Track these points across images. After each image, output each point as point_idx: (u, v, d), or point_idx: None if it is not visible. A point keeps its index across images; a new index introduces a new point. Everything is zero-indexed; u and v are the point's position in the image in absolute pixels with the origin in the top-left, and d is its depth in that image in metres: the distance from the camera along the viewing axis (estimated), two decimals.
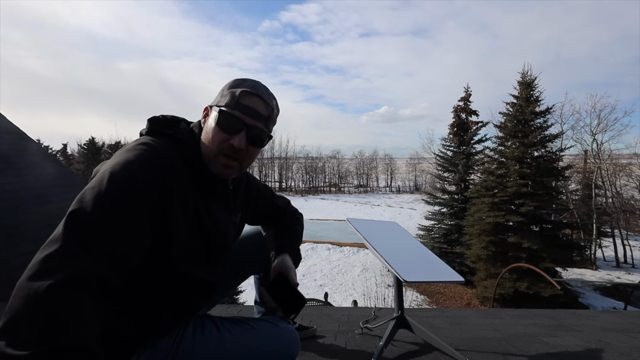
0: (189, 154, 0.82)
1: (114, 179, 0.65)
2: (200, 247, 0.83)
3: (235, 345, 0.88)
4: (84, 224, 0.60)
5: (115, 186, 0.65)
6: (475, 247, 11.90)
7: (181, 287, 0.81)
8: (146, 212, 0.67)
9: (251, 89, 0.84)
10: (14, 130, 4.97)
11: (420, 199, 22.30)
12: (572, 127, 19.24)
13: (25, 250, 3.41)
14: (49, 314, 0.51)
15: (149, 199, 0.68)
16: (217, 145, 0.81)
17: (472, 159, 15.98)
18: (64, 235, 0.58)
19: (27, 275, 0.54)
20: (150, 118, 0.85)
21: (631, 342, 1.61)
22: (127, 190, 0.65)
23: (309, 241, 17.71)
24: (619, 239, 16.62)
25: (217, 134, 0.81)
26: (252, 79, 0.88)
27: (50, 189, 4.48)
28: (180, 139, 0.82)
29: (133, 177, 0.67)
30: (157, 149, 0.74)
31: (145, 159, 0.71)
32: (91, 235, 0.59)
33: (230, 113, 0.81)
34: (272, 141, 52.54)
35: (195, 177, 0.82)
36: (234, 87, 0.85)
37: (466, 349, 1.44)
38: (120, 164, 0.68)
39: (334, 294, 11.30)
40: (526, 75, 12.65)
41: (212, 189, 0.86)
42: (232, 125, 0.81)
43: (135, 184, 0.67)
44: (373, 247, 1.34)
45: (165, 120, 0.86)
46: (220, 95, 0.86)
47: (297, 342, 0.96)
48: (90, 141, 33.50)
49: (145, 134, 0.82)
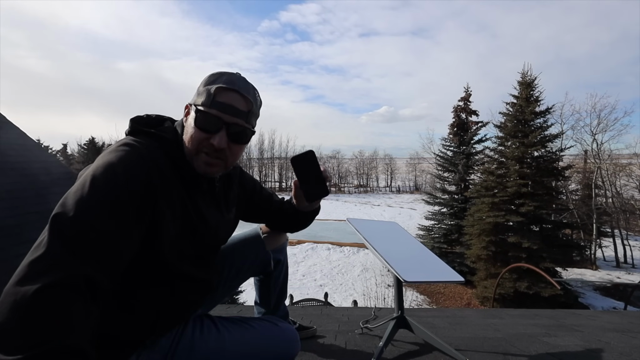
0: (173, 153, 0.81)
1: (96, 182, 0.65)
2: (192, 246, 0.83)
3: (235, 344, 0.87)
4: (67, 228, 0.59)
5: (97, 189, 0.64)
6: (475, 247, 11.89)
7: (177, 286, 0.82)
8: (130, 213, 0.67)
9: (227, 85, 0.81)
10: (14, 131, 4.97)
11: (420, 199, 22.27)
12: (572, 127, 19.28)
13: (25, 250, 3.41)
14: (38, 317, 0.50)
15: (133, 200, 0.67)
16: (197, 145, 0.80)
17: (472, 159, 15.97)
18: (49, 240, 0.58)
19: (14, 281, 0.53)
20: (133, 118, 0.83)
21: (631, 342, 1.60)
22: (109, 192, 0.65)
23: (309, 241, 17.70)
24: (619, 239, 16.62)
25: (197, 134, 0.80)
26: (229, 72, 0.84)
27: (50, 189, 4.48)
28: (164, 137, 0.81)
29: (115, 179, 0.66)
30: (140, 150, 0.73)
31: (128, 160, 0.69)
32: (75, 238, 0.59)
33: (207, 112, 0.79)
34: (272, 141, 53.04)
35: (181, 175, 0.81)
36: (209, 83, 0.82)
37: (466, 349, 1.44)
38: (103, 166, 0.67)
39: (334, 294, 11.30)
40: (526, 75, 12.64)
41: (198, 187, 0.85)
42: (210, 125, 0.79)
43: (118, 186, 0.66)
44: (373, 247, 1.34)
45: (149, 119, 0.85)
46: (197, 92, 0.83)
47: (297, 342, 0.96)
48: (90, 141, 33.49)
49: (128, 134, 0.81)
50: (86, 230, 0.60)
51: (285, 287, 1.34)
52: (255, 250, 1.17)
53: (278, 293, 1.30)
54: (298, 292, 10.71)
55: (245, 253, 1.16)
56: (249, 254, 1.17)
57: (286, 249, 1.33)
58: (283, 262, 1.29)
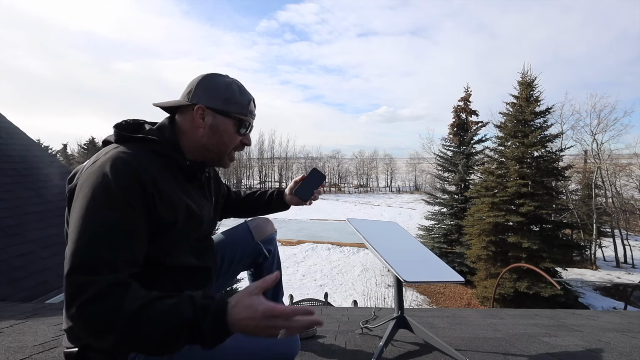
0: (167, 151, 0.86)
1: (97, 202, 0.70)
2: (190, 236, 0.89)
3: (234, 342, 0.87)
4: (89, 246, 0.67)
5: (100, 206, 0.70)
6: (475, 247, 11.90)
7: (177, 276, 0.86)
8: (137, 219, 0.73)
9: (251, 97, 0.97)
10: (14, 131, 4.97)
11: (420, 199, 22.29)
12: (572, 127, 19.30)
13: (25, 250, 3.41)
14: (148, 321, 0.62)
15: (136, 208, 0.73)
16: (233, 146, 0.96)
17: (472, 159, 15.97)
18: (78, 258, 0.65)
19: (81, 302, 0.62)
20: (116, 125, 0.87)
21: (631, 342, 1.60)
22: (113, 206, 0.70)
23: (309, 241, 17.71)
24: (619, 239, 16.62)
25: (234, 138, 0.95)
26: (232, 78, 0.97)
27: (51, 189, 4.48)
28: (153, 139, 0.85)
29: (112, 195, 0.71)
30: (128, 160, 0.76)
31: (120, 174, 0.73)
32: (98, 252, 0.67)
33: (248, 121, 0.96)
34: (272, 141, 53.05)
35: (176, 171, 0.87)
36: (239, 93, 0.94)
37: (466, 349, 1.44)
38: (96, 189, 0.71)
39: (334, 294, 11.30)
40: (526, 75, 12.64)
41: (193, 179, 0.94)
42: (249, 130, 0.98)
43: (117, 200, 0.71)
44: (373, 247, 1.34)
45: (130, 125, 0.90)
46: (222, 100, 0.92)
47: (297, 342, 0.96)
48: (90, 141, 33.50)
49: (115, 141, 0.85)
50: (105, 243, 0.68)
51: (279, 280, 1.34)
52: (245, 242, 1.22)
53: (272, 287, 1.30)
54: (298, 292, 10.71)
55: (235, 245, 1.20)
56: (239, 245, 1.21)
57: (276, 241, 1.35)
58: (273, 253, 1.31)
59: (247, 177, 53.26)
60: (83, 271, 0.64)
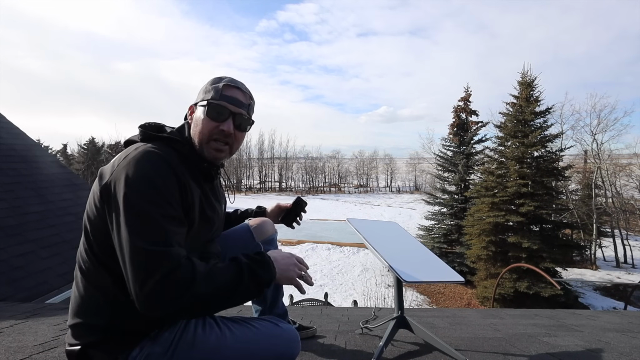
0: (186, 151, 0.92)
1: (140, 197, 0.75)
2: (204, 233, 0.95)
3: (236, 342, 0.88)
4: (154, 227, 0.74)
5: (147, 206, 0.75)
6: (475, 247, 11.90)
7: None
8: (177, 210, 0.81)
9: (231, 83, 0.97)
10: (14, 131, 4.97)
11: (420, 199, 22.29)
12: (572, 127, 19.29)
13: (25, 250, 3.41)
14: (219, 281, 0.77)
15: (176, 200, 0.80)
16: (208, 134, 0.94)
17: (472, 159, 15.98)
18: (149, 237, 0.73)
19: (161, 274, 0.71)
20: (142, 125, 0.94)
21: (631, 342, 1.61)
22: (157, 205, 0.76)
23: (309, 241, 17.71)
24: (619, 239, 16.62)
25: (208, 124, 0.93)
26: (228, 76, 1.00)
27: (51, 189, 4.48)
28: (176, 139, 0.91)
29: (157, 190, 0.77)
30: (160, 154, 0.82)
31: (158, 166, 0.80)
32: (165, 231, 0.75)
33: (217, 104, 0.93)
34: (272, 141, 53.07)
35: (193, 171, 0.92)
36: (216, 83, 0.96)
37: (466, 349, 1.44)
38: (139, 181, 0.76)
39: (334, 294, 11.31)
40: (526, 75, 12.65)
41: (209, 179, 0.98)
42: (220, 114, 0.94)
43: (159, 191, 0.77)
44: (373, 247, 1.34)
45: (153, 126, 0.96)
46: (203, 92, 0.97)
47: (297, 342, 0.96)
48: (90, 141, 33.52)
49: (141, 140, 0.91)
50: (162, 227, 0.75)
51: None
52: (245, 242, 1.22)
53: (272, 287, 1.30)
54: (298, 292, 10.69)
55: (236, 246, 1.20)
56: (240, 245, 1.20)
57: (276, 241, 1.34)
58: None
59: (247, 177, 53.29)
60: (157, 245, 0.72)
